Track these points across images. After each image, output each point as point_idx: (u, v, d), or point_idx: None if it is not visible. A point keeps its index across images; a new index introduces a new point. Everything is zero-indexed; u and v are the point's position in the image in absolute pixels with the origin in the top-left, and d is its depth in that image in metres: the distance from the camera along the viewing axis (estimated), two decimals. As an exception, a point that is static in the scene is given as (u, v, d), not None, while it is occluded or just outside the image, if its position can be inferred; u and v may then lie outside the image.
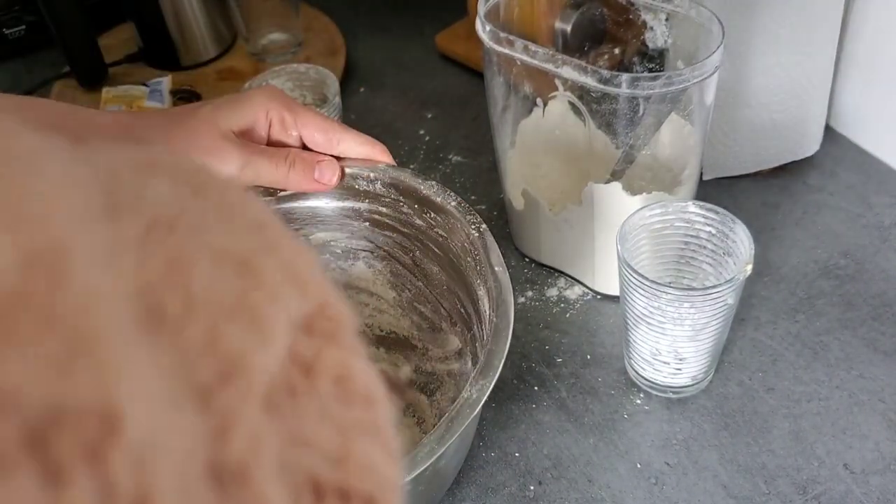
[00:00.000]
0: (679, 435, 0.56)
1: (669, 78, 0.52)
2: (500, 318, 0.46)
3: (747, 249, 0.51)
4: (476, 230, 0.51)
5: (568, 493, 0.54)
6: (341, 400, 0.19)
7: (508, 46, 0.57)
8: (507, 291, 0.48)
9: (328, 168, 0.53)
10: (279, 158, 0.52)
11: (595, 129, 0.60)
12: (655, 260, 0.57)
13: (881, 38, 0.70)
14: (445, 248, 0.54)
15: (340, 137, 0.54)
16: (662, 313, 0.52)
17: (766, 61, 0.65)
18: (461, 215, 0.52)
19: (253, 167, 0.51)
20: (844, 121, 0.76)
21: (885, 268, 0.65)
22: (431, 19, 0.95)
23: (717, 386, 0.59)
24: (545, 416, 0.58)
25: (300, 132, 0.53)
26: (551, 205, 0.64)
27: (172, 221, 0.17)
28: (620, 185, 0.59)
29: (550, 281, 0.67)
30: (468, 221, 0.52)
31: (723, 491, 0.53)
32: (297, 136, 0.54)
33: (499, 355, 0.45)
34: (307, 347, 0.19)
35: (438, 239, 0.55)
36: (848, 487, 0.52)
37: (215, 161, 0.51)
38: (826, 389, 0.58)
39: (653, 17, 0.60)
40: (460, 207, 0.53)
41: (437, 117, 0.84)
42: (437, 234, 0.55)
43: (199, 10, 0.88)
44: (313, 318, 0.20)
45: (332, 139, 0.54)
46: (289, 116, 0.53)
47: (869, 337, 0.61)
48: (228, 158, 0.51)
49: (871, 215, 0.69)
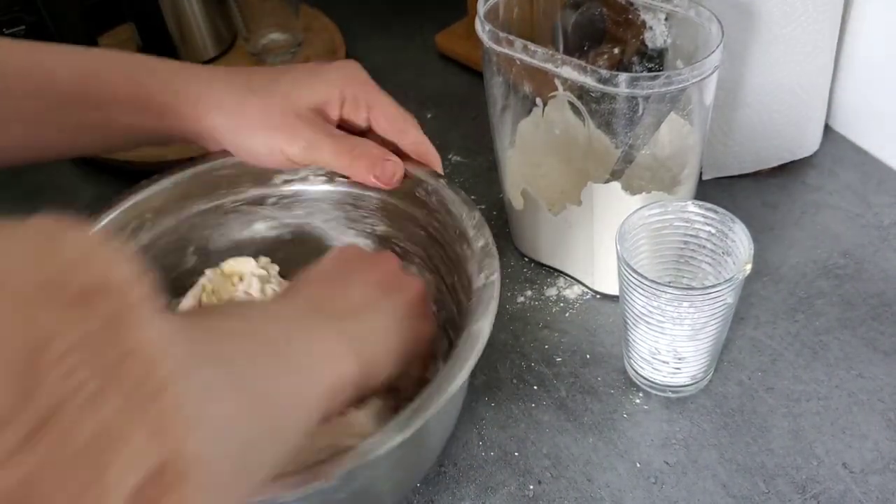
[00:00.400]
0: (678, 434, 0.56)
1: (669, 78, 0.52)
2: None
3: (746, 249, 0.51)
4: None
5: (567, 493, 0.54)
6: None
7: (508, 46, 0.57)
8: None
9: (389, 169, 0.53)
10: (345, 147, 0.52)
11: (594, 128, 0.61)
12: (655, 259, 0.57)
13: (880, 37, 0.70)
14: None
15: (404, 129, 0.54)
16: (662, 313, 0.52)
17: (766, 61, 0.65)
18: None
19: (318, 149, 0.52)
20: (844, 120, 0.76)
21: (885, 267, 0.65)
22: (431, 19, 0.95)
23: (717, 385, 0.59)
24: (544, 416, 0.58)
25: (369, 115, 0.54)
26: (551, 204, 0.64)
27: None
28: (620, 185, 0.59)
29: (550, 280, 0.68)
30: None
31: (722, 490, 0.53)
32: (366, 117, 0.54)
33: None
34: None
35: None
36: (847, 487, 0.53)
37: (284, 140, 0.51)
38: (825, 389, 0.58)
39: (652, 16, 0.60)
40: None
41: (437, 117, 0.84)
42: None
43: (198, 10, 0.88)
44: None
45: (397, 129, 0.54)
46: (362, 97, 0.53)
47: (868, 336, 0.61)
48: (297, 137, 0.51)
49: (871, 215, 0.69)
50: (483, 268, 0.49)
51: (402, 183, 0.54)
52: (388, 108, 0.54)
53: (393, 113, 0.54)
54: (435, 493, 0.54)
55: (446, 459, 0.56)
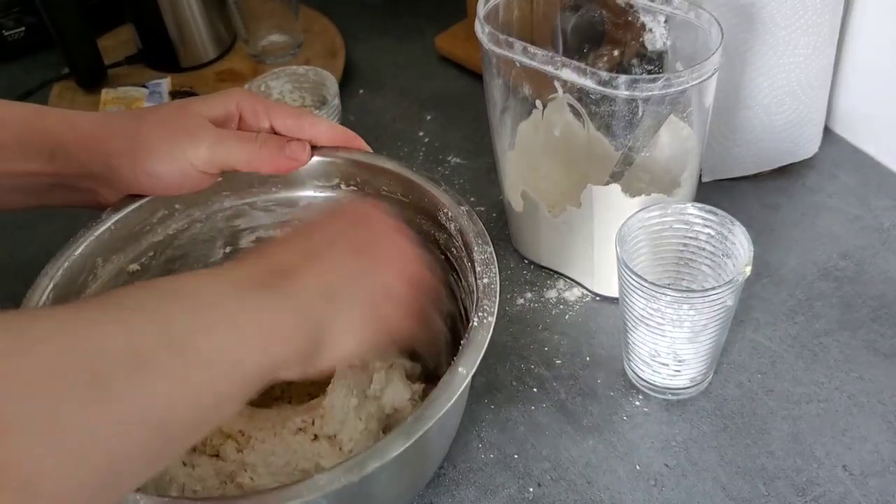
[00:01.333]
0: (678, 437, 0.56)
1: (668, 80, 0.52)
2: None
3: (746, 251, 0.51)
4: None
5: (567, 495, 0.54)
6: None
7: (507, 48, 0.57)
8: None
9: (298, 146, 0.54)
10: (249, 136, 0.53)
11: (594, 130, 0.61)
12: (654, 262, 0.57)
13: (880, 39, 0.70)
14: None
15: (312, 122, 0.55)
16: (661, 315, 0.52)
17: (765, 63, 0.65)
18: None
19: (224, 146, 0.52)
20: (843, 123, 0.76)
21: (885, 269, 0.65)
22: (431, 21, 0.95)
23: (717, 388, 0.59)
24: (544, 418, 0.58)
25: (271, 121, 0.54)
26: (550, 206, 0.64)
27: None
28: (619, 187, 0.59)
29: (549, 283, 0.67)
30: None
31: (722, 493, 0.53)
32: (268, 126, 0.54)
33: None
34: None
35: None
36: (847, 489, 0.52)
37: (188, 141, 0.51)
38: (825, 391, 0.58)
39: (652, 19, 0.60)
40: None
41: (437, 119, 0.84)
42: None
43: (198, 12, 0.88)
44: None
45: (303, 123, 0.54)
46: (260, 107, 0.54)
47: (868, 339, 0.61)
48: (200, 137, 0.51)
49: (871, 217, 0.69)
50: (479, 309, 0.47)
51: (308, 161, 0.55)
52: (288, 109, 0.55)
53: (294, 112, 0.55)
54: (434, 495, 0.54)
55: (446, 462, 0.56)
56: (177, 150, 0.51)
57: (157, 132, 0.52)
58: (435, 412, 0.42)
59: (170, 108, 0.54)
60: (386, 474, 0.44)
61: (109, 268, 0.55)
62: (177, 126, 0.52)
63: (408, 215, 0.56)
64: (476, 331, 0.46)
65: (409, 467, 0.48)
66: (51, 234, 0.76)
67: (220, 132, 0.52)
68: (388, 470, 0.42)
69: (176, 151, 0.51)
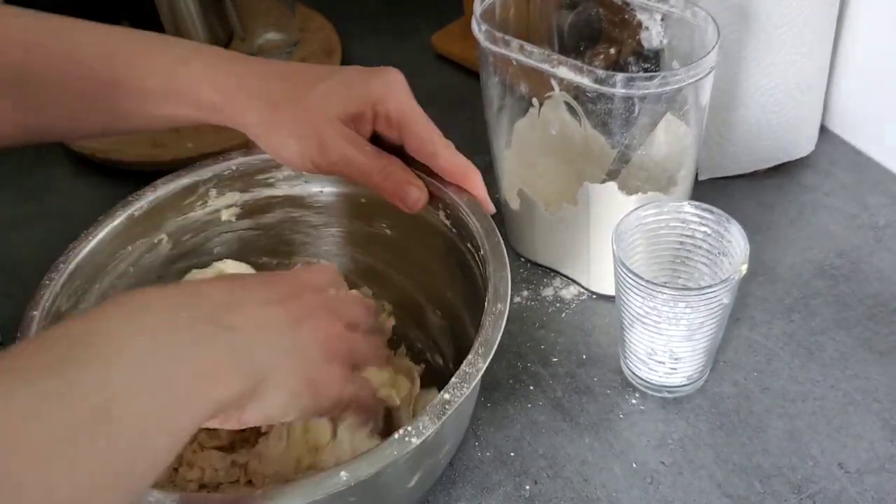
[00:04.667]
0: (674, 434, 0.56)
1: (665, 78, 0.52)
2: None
3: (742, 249, 0.51)
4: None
5: (563, 493, 0.54)
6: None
7: (504, 46, 0.57)
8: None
9: (414, 194, 0.53)
10: (375, 167, 0.52)
11: (591, 128, 0.61)
12: (651, 260, 0.57)
13: (876, 38, 0.70)
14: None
15: (434, 152, 0.53)
16: (658, 313, 0.52)
17: (762, 62, 0.65)
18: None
19: (348, 166, 0.51)
20: (839, 121, 0.76)
21: (880, 268, 0.65)
22: (427, 19, 0.95)
23: (713, 385, 0.59)
24: (541, 416, 0.58)
25: (401, 135, 0.53)
26: (547, 205, 0.64)
27: None
28: (616, 185, 0.59)
29: (546, 281, 0.68)
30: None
31: (718, 490, 0.53)
32: (398, 136, 0.53)
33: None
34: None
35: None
36: (843, 487, 0.53)
37: (315, 149, 0.51)
38: (821, 389, 0.58)
39: (648, 17, 0.60)
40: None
41: (433, 117, 0.83)
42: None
43: (194, 10, 0.88)
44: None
45: (428, 153, 0.53)
46: (395, 116, 0.52)
47: (864, 337, 0.61)
48: (329, 150, 0.51)
49: (866, 215, 0.69)
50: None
51: (426, 206, 0.54)
52: (420, 130, 0.53)
53: (424, 137, 0.53)
54: (431, 493, 0.54)
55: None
56: (305, 151, 0.51)
57: (289, 129, 0.52)
58: (457, 397, 0.42)
59: (309, 101, 0.52)
60: (404, 465, 0.44)
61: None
62: (309, 130, 0.51)
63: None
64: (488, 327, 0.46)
65: (428, 456, 0.48)
66: (44, 236, 0.76)
67: (349, 150, 0.51)
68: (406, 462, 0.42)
69: (304, 151, 0.51)
